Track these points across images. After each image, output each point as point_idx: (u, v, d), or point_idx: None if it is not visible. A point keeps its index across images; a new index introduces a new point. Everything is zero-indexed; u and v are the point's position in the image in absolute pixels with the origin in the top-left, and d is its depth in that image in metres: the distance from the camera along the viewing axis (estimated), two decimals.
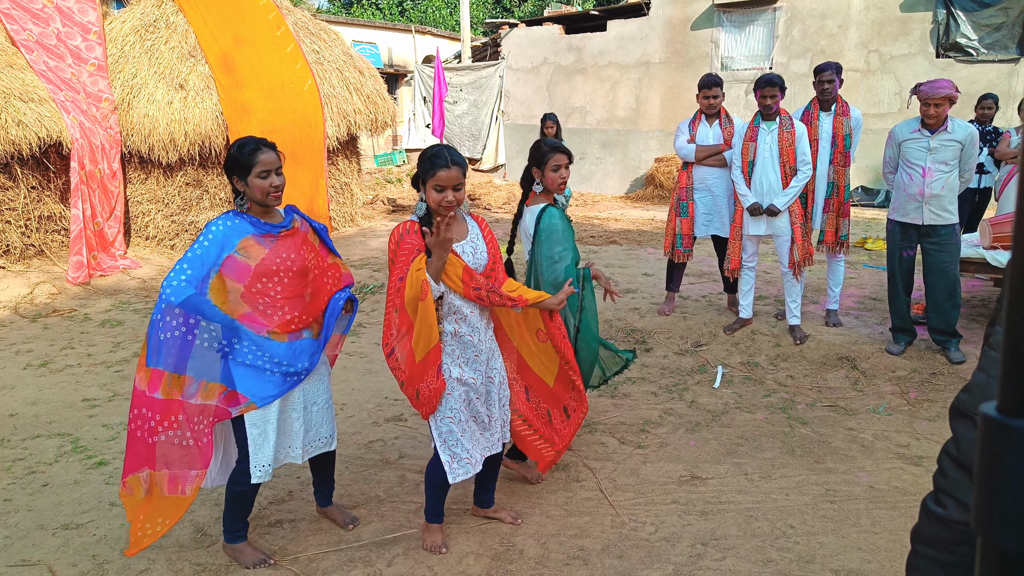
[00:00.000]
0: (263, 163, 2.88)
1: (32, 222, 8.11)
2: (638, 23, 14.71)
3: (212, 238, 2.85)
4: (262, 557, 3.19)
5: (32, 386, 5.35)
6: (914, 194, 5.12)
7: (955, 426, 1.30)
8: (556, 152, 3.60)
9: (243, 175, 2.90)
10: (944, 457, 1.31)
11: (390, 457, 4.22)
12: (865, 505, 3.64)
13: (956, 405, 1.31)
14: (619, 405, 4.93)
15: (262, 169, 2.88)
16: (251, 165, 2.88)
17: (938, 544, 1.36)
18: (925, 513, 1.36)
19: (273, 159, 2.92)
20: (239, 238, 2.88)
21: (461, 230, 3.10)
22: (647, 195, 14.54)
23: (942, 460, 1.31)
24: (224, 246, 2.86)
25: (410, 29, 22.13)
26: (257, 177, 2.88)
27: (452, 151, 2.93)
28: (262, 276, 2.92)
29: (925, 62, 11.94)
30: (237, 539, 3.20)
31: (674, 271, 6.50)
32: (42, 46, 8.41)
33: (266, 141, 2.96)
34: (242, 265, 2.89)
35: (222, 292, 2.88)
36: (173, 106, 8.87)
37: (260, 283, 2.93)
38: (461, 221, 3.13)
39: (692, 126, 6.18)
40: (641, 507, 3.65)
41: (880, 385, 5.14)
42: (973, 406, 1.26)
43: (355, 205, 11.46)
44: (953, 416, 1.31)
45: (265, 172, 2.89)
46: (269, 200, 2.93)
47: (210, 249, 2.84)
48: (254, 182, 2.89)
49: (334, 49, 10.71)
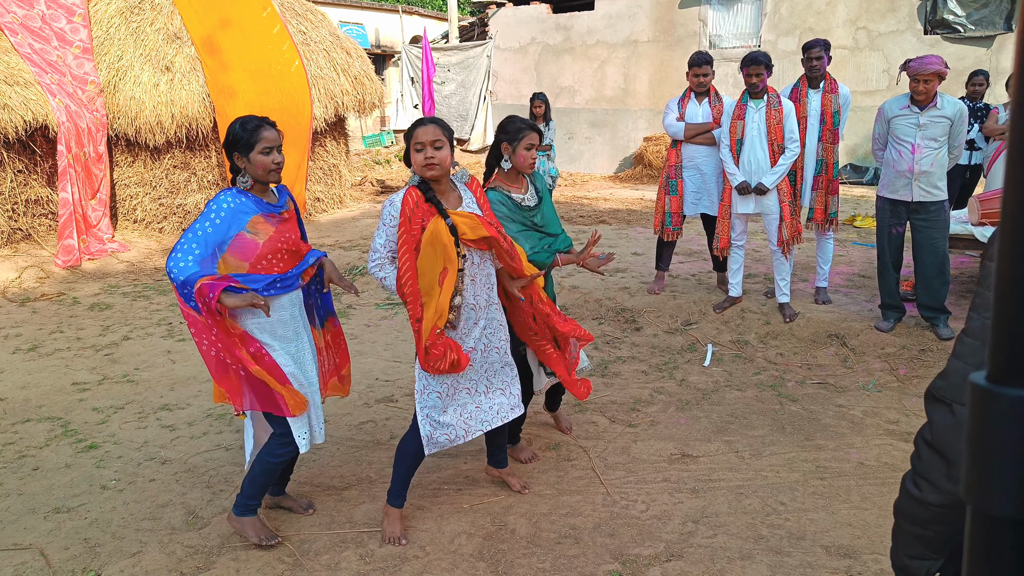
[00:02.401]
0: (266, 140, 2.90)
1: (19, 206, 8.04)
2: (626, 2, 14.63)
3: (224, 215, 2.85)
4: (270, 534, 3.18)
5: (21, 370, 5.32)
6: (903, 171, 5.13)
7: (930, 411, 1.31)
8: (530, 130, 3.47)
9: (245, 152, 2.91)
10: (920, 440, 1.33)
11: (381, 438, 4.23)
12: (855, 481, 3.67)
13: (931, 391, 1.32)
14: (609, 384, 4.94)
15: (265, 146, 2.90)
16: (254, 142, 2.89)
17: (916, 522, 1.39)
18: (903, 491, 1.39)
19: (275, 136, 2.95)
20: (249, 216, 2.91)
21: (454, 197, 3.09)
22: (636, 174, 14.52)
23: (918, 443, 1.33)
24: (233, 224, 2.87)
25: (397, 9, 21.95)
26: (260, 154, 2.90)
27: (433, 117, 2.98)
28: (267, 254, 2.95)
29: (913, 39, 11.92)
30: (250, 511, 3.17)
31: (664, 250, 6.51)
32: (27, 28, 8.30)
33: (268, 119, 2.98)
34: (250, 243, 2.91)
35: (226, 271, 2.89)
36: (159, 88, 8.78)
37: (265, 261, 2.95)
38: (454, 189, 3.13)
39: (681, 104, 6.16)
40: (632, 485, 3.67)
41: (869, 362, 5.17)
42: (949, 392, 1.27)
43: (343, 187, 11.40)
44: (928, 401, 1.33)
45: (268, 148, 2.91)
46: (270, 177, 2.95)
47: (220, 227, 2.84)
48: (257, 158, 2.90)
49: (321, 30, 10.61)
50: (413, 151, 2.93)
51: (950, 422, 1.25)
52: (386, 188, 13.48)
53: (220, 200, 2.89)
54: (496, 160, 3.57)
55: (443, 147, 2.93)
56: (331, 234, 9.48)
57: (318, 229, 9.83)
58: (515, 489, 3.59)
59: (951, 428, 1.25)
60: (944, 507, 1.29)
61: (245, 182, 2.97)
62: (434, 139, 2.90)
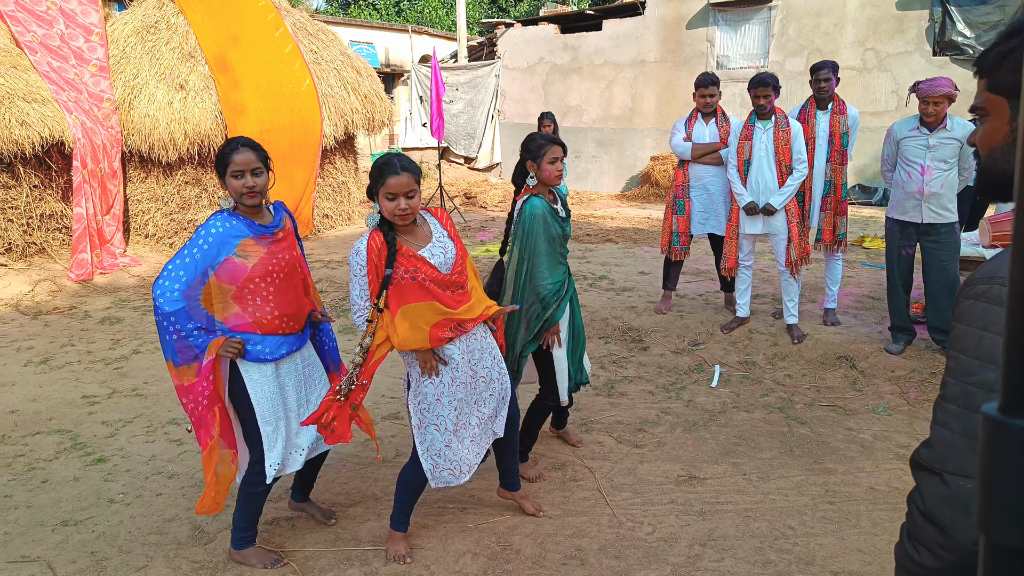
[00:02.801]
0: (235, 163, 2.87)
1: (34, 220, 8.12)
2: (633, 22, 14.71)
3: (212, 240, 2.85)
4: (274, 557, 3.18)
5: (32, 383, 5.35)
6: (913, 192, 5.13)
7: (919, 480, 1.26)
8: (552, 144, 3.56)
9: (222, 173, 2.91)
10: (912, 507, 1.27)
11: (386, 455, 4.23)
12: (865, 506, 3.65)
13: (918, 460, 1.27)
14: (616, 404, 4.94)
15: (235, 169, 2.87)
16: (226, 163, 2.88)
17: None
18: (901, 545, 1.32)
19: (248, 159, 2.88)
20: (238, 239, 2.89)
21: (424, 233, 3.03)
22: (643, 193, 14.54)
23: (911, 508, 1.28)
24: (221, 249, 2.86)
25: (407, 29, 22.11)
26: (232, 177, 2.88)
27: (403, 158, 2.89)
28: (256, 277, 2.93)
29: (922, 60, 11.95)
30: (247, 544, 3.19)
31: (671, 269, 6.51)
32: (46, 47, 8.42)
33: (249, 141, 2.95)
34: (239, 266, 2.89)
35: (212, 294, 2.90)
36: (173, 106, 8.87)
37: (253, 283, 2.93)
38: (422, 223, 3.07)
39: (688, 124, 6.18)
40: (639, 507, 3.66)
41: (879, 385, 5.15)
42: (939, 463, 1.21)
43: (352, 203, 11.46)
44: (916, 469, 1.27)
45: (239, 172, 2.87)
46: (244, 200, 2.91)
47: (209, 252, 2.84)
48: (230, 182, 2.89)
49: (332, 49, 10.71)
50: (384, 198, 2.85)
51: (944, 493, 1.19)
52: None
53: (209, 225, 2.88)
54: (522, 178, 3.65)
55: (415, 195, 2.89)
56: (339, 250, 9.52)
57: (326, 245, 9.87)
58: (529, 512, 3.56)
59: (945, 501, 1.19)
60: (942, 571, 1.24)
61: (228, 203, 2.95)
62: (408, 189, 2.84)
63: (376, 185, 2.87)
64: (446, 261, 3.00)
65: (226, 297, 2.91)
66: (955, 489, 1.17)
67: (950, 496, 1.18)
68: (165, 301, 2.77)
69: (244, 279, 2.90)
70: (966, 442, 1.17)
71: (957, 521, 1.17)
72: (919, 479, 1.27)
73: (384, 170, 2.84)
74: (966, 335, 1.20)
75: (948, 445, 1.20)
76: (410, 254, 2.91)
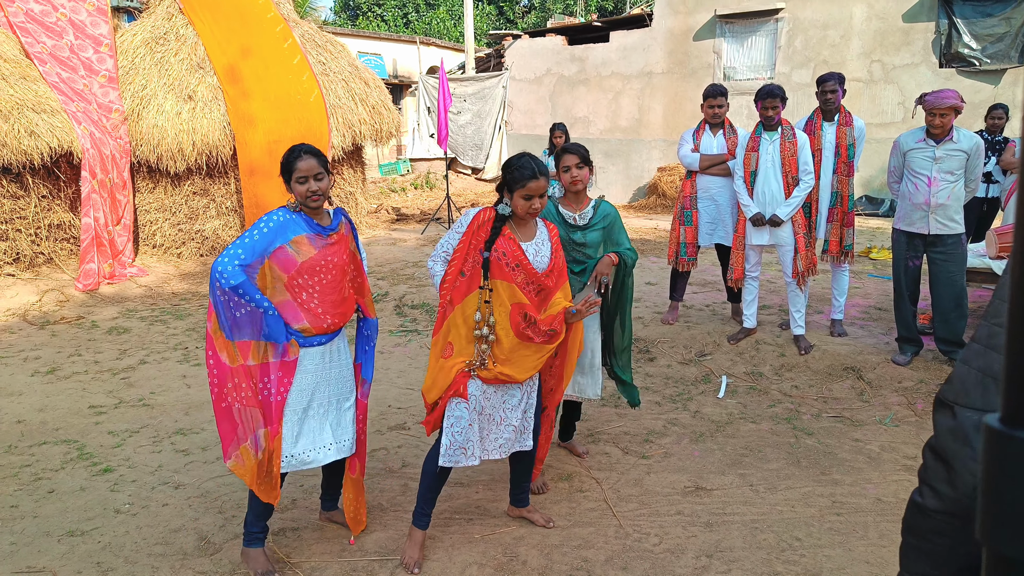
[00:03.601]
0: (300, 170, 3.05)
1: (42, 230, 8.16)
2: (640, 34, 14.75)
3: (270, 227, 3.02)
4: (267, 568, 3.18)
5: (39, 393, 5.37)
6: (920, 204, 5.13)
7: (936, 416, 1.34)
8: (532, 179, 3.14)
9: (287, 178, 3.09)
10: (925, 448, 1.35)
11: (393, 466, 4.22)
12: (872, 517, 3.63)
13: (939, 395, 1.35)
14: (623, 415, 4.93)
15: (300, 175, 3.05)
16: (291, 171, 3.06)
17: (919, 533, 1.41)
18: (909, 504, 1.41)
19: (311, 166, 3.06)
20: (294, 233, 3.05)
21: (531, 230, 3.23)
22: (650, 204, 14.55)
23: (924, 452, 1.36)
24: (277, 237, 3.03)
25: (415, 40, 22.21)
26: (296, 183, 3.06)
27: (538, 162, 3.09)
28: (305, 272, 3.07)
29: (928, 72, 11.95)
30: (255, 542, 3.20)
31: (678, 280, 6.51)
32: (55, 58, 8.49)
33: (311, 148, 3.13)
34: (290, 258, 3.04)
35: (267, 278, 3.04)
36: (182, 117, 8.92)
37: (302, 278, 3.07)
38: (533, 223, 3.26)
39: (696, 135, 6.19)
40: (645, 518, 3.64)
41: (886, 396, 5.13)
42: (951, 395, 1.30)
43: (360, 214, 11.49)
44: (936, 406, 1.36)
45: (303, 178, 3.05)
46: (309, 203, 3.08)
47: (266, 236, 3.01)
48: (294, 187, 3.07)
49: (340, 60, 10.76)
50: (520, 197, 3.07)
51: (951, 425, 1.28)
52: (401, 216, 13.56)
53: (272, 214, 3.08)
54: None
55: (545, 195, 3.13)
56: None
57: None
58: (539, 525, 3.56)
59: (952, 431, 1.28)
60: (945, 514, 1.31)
61: (294, 205, 3.12)
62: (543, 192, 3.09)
63: (514, 184, 3.07)
64: (537, 261, 3.20)
65: (278, 284, 3.06)
66: (962, 420, 1.26)
67: (956, 427, 1.27)
68: (229, 275, 2.90)
69: (295, 271, 3.05)
70: (980, 377, 1.26)
71: (959, 452, 1.26)
72: (935, 416, 1.35)
73: (524, 172, 3.05)
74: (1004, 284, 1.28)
75: (963, 379, 1.29)
76: (510, 236, 3.13)
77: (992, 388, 1.24)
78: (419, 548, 3.26)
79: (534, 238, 3.23)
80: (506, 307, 3.12)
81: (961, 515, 1.28)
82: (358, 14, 34.74)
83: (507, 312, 3.12)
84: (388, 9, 34.10)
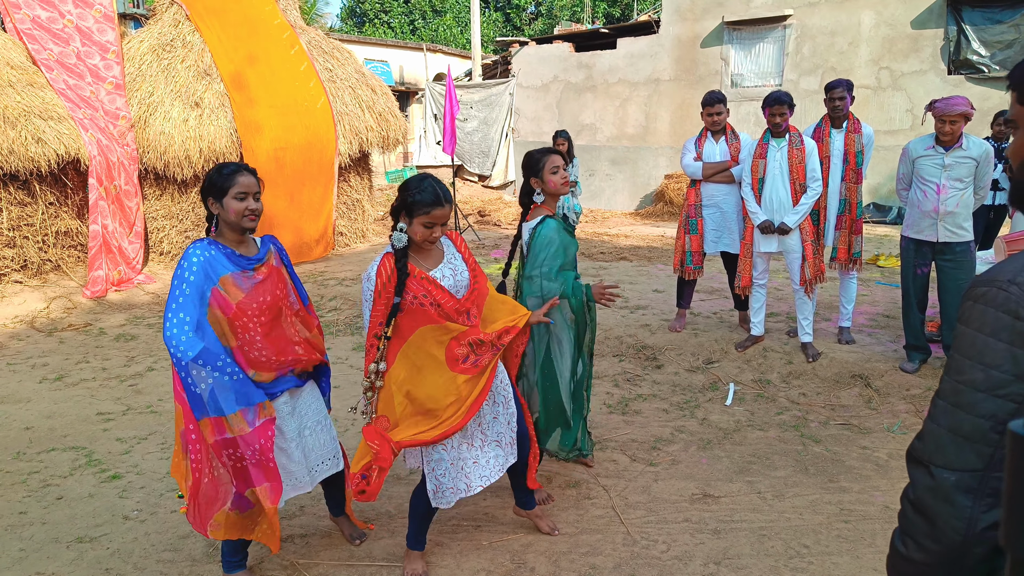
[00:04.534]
0: (241, 185, 2.80)
1: (49, 237, 8.19)
2: (648, 41, 14.77)
3: (194, 274, 2.72)
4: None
5: (47, 399, 5.38)
6: (928, 211, 5.12)
7: (911, 471, 1.35)
8: (549, 154, 3.52)
9: (219, 196, 2.81)
10: (904, 499, 1.35)
11: (400, 473, 4.22)
12: (881, 525, 3.61)
13: (911, 452, 1.35)
14: (630, 422, 4.92)
15: (240, 191, 2.80)
16: (229, 186, 2.79)
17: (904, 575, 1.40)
18: (892, 547, 1.41)
19: (252, 183, 2.83)
20: (219, 274, 2.77)
21: (437, 254, 3.03)
22: (657, 211, 14.55)
23: (903, 501, 1.36)
24: (206, 281, 2.74)
25: (421, 47, 22.30)
26: (234, 198, 2.79)
27: (441, 186, 2.89)
28: (241, 316, 2.81)
29: (937, 79, 11.93)
30: (236, 568, 3.16)
31: (684, 288, 6.50)
32: (62, 65, 8.53)
33: (247, 166, 2.88)
34: (224, 300, 2.78)
35: (215, 323, 2.78)
36: (188, 123, 8.96)
37: (240, 321, 2.81)
38: (437, 247, 3.06)
39: (698, 143, 6.18)
40: (653, 525, 3.63)
41: (894, 403, 5.11)
42: (926, 454, 1.30)
43: (366, 221, 11.52)
44: (909, 461, 1.36)
45: (243, 194, 2.80)
46: (244, 223, 2.83)
47: (195, 285, 2.71)
48: (230, 203, 2.79)
49: (347, 67, 10.80)
50: (421, 225, 2.84)
51: (930, 484, 1.28)
52: None
53: (190, 254, 2.75)
54: (529, 196, 3.64)
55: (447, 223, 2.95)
56: (353, 267, 9.55)
57: (340, 262, 9.91)
58: (544, 531, 3.54)
59: (929, 490, 1.28)
60: (928, 565, 1.31)
61: (217, 228, 2.87)
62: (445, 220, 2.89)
63: (414, 209, 2.83)
64: (456, 284, 2.99)
65: (225, 325, 2.79)
66: (939, 480, 1.26)
67: (935, 487, 1.27)
68: (186, 346, 2.63)
69: (231, 314, 2.79)
70: (951, 437, 1.26)
71: (941, 511, 1.26)
72: (911, 471, 1.35)
73: (425, 197, 2.81)
74: (963, 335, 1.28)
75: (935, 439, 1.29)
76: (421, 276, 2.90)
77: (966, 448, 1.24)
78: (420, 560, 3.24)
79: (443, 259, 3.01)
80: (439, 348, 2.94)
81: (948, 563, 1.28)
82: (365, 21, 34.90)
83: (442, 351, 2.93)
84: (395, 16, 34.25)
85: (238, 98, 9.20)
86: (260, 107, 9.30)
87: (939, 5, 11.76)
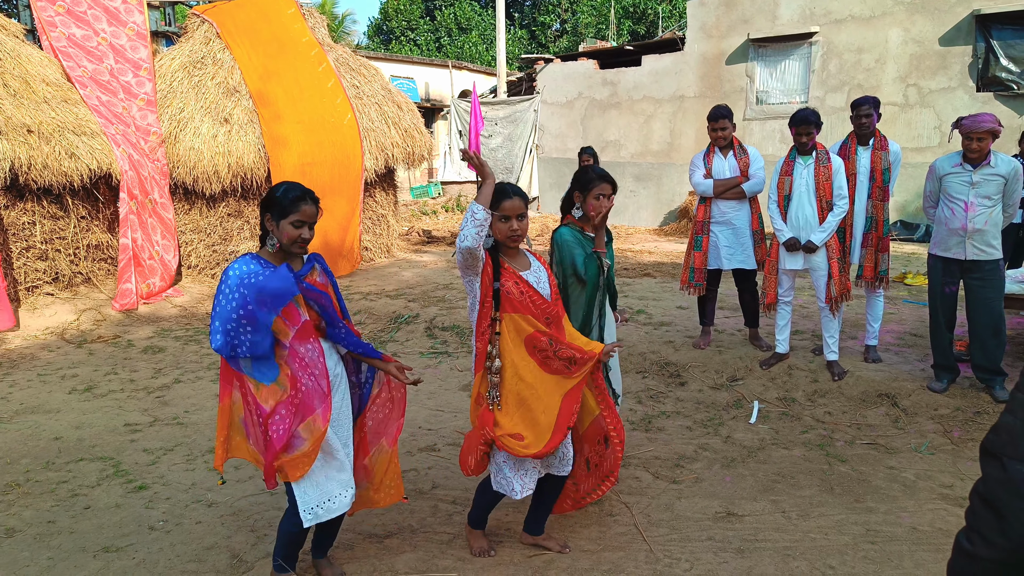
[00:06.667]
0: (303, 213, 2.86)
1: (80, 250, 8.32)
2: (672, 58, 14.79)
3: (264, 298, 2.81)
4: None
5: (77, 410, 5.46)
6: (956, 229, 5.06)
7: (984, 465, 1.34)
8: (602, 181, 3.60)
9: (278, 217, 2.86)
10: (974, 494, 1.35)
11: (423, 487, 4.23)
12: (908, 547, 3.56)
13: (985, 444, 1.34)
14: (653, 439, 4.89)
15: (299, 219, 2.86)
16: (290, 211, 2.84)
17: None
18: (955, 548, 1.39)
19: (313, 212, 2.89)
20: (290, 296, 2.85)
21: (524, 262, 3.26)
22: (681, 228, 14.51)
23: (972, 496, 1.36)
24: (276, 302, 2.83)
25: (447, 64, 22.48)
26: (291, 224, 2.85)
27: (512, 185, 3.13)
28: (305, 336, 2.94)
29: (965, 96, 11.83)
30: (281, 569, 3.17)
31: (705, 304, 6.45)
32: (96, 82, 8.70)
33: (312, 194, 2.93)
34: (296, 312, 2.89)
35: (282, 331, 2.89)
36: (217, 139, 9.09)
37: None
38: (523, 255, 3.29)
39: (707, 159, 6.16)
40: (676, 543, 3.61)
41: (922, 423, 5.05)
42: (1000, 447, 1.29)
43: (391, 236, 11.59)
44: (982, 455, 1.35)
45: (300, 222, 2.86)
46: (294, 249, 2.90)
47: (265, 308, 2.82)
48: (286, 227, 2.85)
49: (373, 84, 10.91)
50: (497, 220, 3.07)
51: (1001, 477, 1.27)
52: (432, 238, 13.66)
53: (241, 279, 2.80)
54: (569, 206, 3.80)
55: (525, 217, 3.15)
56: (378, 282, 9.61)
57: (366, 277, 9.98)
58: (555, 551, 3.53)
59: (1002, 483, 1.27)
60: (995, 562, 1.29)
61: (273, 243, 2.92)
62: (519, 212, 3.10)
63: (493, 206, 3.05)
64: (541, 288, 3.21)
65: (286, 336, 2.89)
66: (1012, 473, 1.25)
67: (1007, 479, 1.26)
68: None
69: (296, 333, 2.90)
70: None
71: (1012, 505, 1.24)
72: (983, 464, 1.34)
73: (503, 196, 3.06)
74: None
75: (1011, 431, 1.29)
76: (514, 272, 3.14)
77: None
78: (483, 538, 3.50)
79: (530, 267, 3.25)
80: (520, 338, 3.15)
81: (1014, 563, 1.27)
82: (391, 38, 35.25)
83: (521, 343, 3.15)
84: (421, 33, 34.57)
85: (266, 114, 9.33)
86: (288, 123, 9.42)
87: (967, 22, 11.68)
